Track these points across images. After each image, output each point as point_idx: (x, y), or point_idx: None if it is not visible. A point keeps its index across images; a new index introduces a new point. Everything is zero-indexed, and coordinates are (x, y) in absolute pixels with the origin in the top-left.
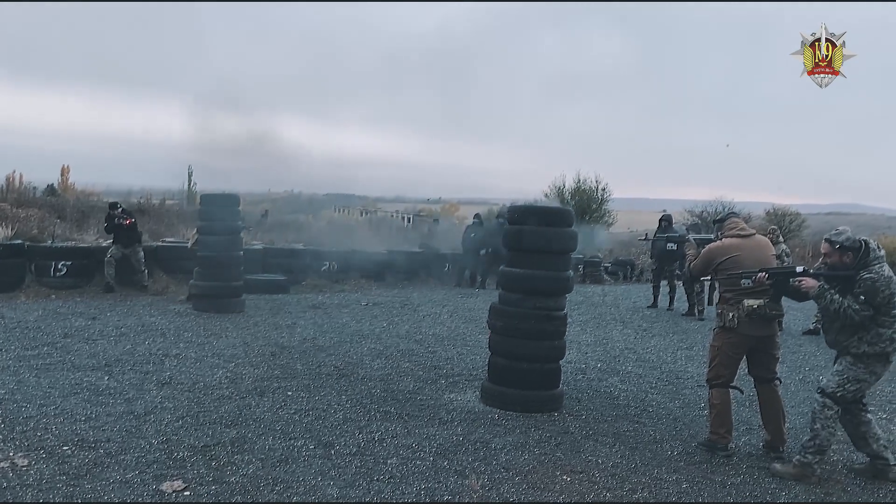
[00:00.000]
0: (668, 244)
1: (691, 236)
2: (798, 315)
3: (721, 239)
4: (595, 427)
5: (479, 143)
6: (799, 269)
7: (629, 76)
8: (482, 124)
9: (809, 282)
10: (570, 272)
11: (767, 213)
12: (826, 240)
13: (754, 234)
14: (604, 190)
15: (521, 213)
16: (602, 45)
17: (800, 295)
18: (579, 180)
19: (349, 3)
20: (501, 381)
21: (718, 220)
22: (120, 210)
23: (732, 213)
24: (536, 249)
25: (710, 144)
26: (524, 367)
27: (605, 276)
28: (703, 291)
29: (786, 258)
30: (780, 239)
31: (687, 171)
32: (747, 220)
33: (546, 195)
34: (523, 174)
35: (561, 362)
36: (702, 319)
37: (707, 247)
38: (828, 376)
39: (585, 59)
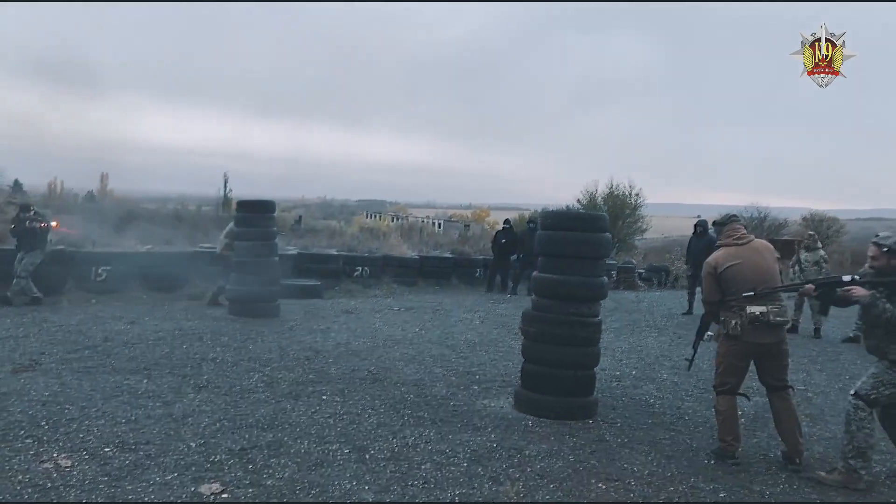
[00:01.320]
0: None
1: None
2: (837, 323)
3: (717, 246)
4: (630, 435)
5: (510, 149)
6: (846, 277)
7: (660, 80)
8: (512, 130)
9: (860, 290)
10: (605, 278)
11: (804, 219)
12: (873, 243)
13: (752, 239)
14: (637, 195)
15: (555, 219)
16: (631, 49)
17: (844, 302)
18: (612, 186)
19: (378, 5)
20: (535, 388)
21: (718, 223)
22: (33, 213)
23: (733, 216)
24: (570, 255)
25: (745, 148)
26: (558, 373)
27: (639, 283)
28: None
29: (824, 265)
30: (818, 245)
31: (723, 176)
32: (783, 225)
33: (578, 201)
34: (554, 180)
35: (595, 369)
36: None
37: (704, 265)
38: (863, 378)
39: (615, 64)
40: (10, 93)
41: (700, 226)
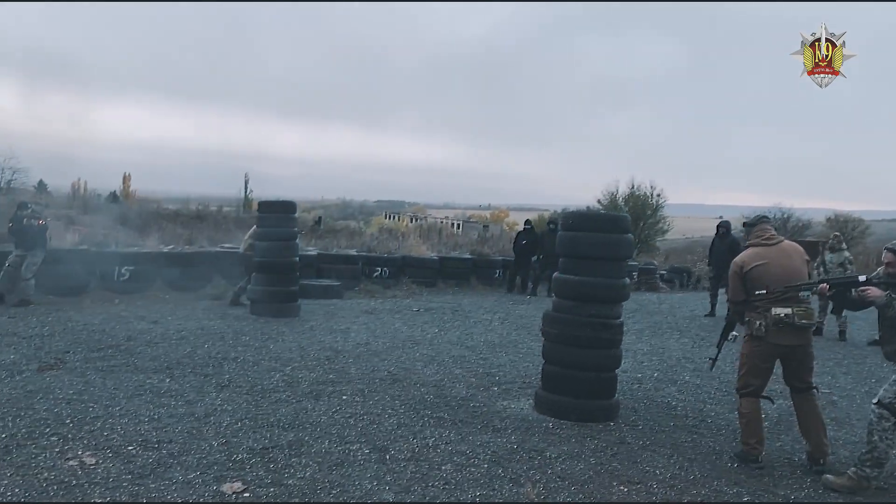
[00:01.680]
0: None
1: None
2: (863, 325)
3: (745, 246)
4: (652, 437)
5: (529, 149)
6: (861, 278)
7: (680, 80)
8: (531, 131)
9: (875, 291)
10: (627, 279)
11: (828, 220)
12: (888, 249)
13: (781, 240)
14: (658, 196)
15: (576, 220)
16: (652, 49)
17: (860, 304)
18: (633, 186)
19: (395, 5)
20: (555, 390)
21: (748, 224)
22: (30, 211)
23: (764, 217)
24: (592, 256)
25: (768, 149)
26: (579, 375)
27: (661, 284)
28: None
29: (849, 266)
30: (843, 246)
31: (745, 176)
32: (807, 226)
33: (599, 201)
34: (574, 181)
35: (616, 371)
36: None
37: (732, 264)
38: (885, 386)
39: (635, 64)
40: (31, 94)
41: (723, 227)
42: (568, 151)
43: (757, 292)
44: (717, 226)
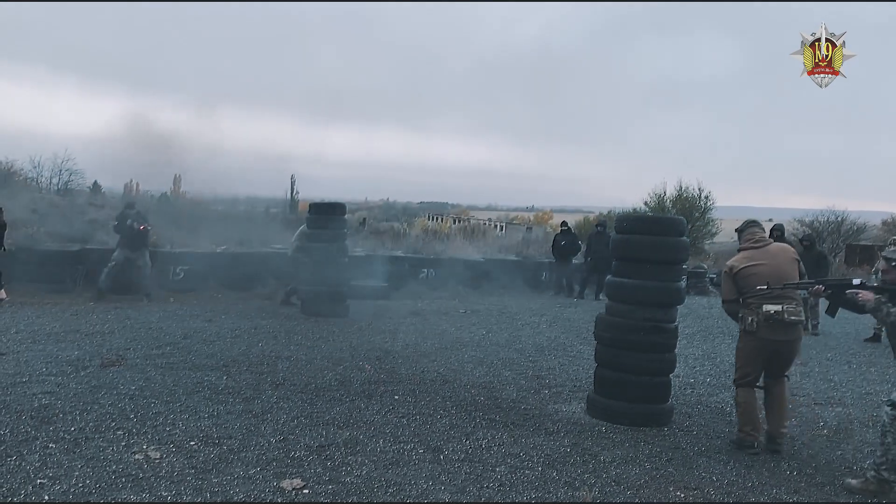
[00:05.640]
0: None
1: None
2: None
3: (738, 249)
4: (707, 443)
5: (575, 151)
6: (856, 281)
7: (739, 82)
8: (579, 132)
9: (867, 295)
10: (682, 283)
11: (884, 223)
12: (883, 257)
13: (770, 242)
14: (707, 198)
15: (631, 222)
16: (710, 51)
17: (856, 307)
18: (681, 188)
19: (446, 6)
20: (608, 394)
21: (739, 230)
22: (135, 212)
23: (752, 222)
24: (647, 259)
25: (825, 151)
26: (633, 379)
27: (711, 288)
28: (817, 305)
29: None
30: None
31: (799, 179)
32: (862, 229)
33: (646, 203)
34: (620, 183)
35: (671, 376)
36: (816, 334)
37: (724, 265)
38: None
39: (692, 66)
40: (86, 96)
41: (777, 230)
42: (615, 153)
43: (758, 287)
44: (771, 230)
